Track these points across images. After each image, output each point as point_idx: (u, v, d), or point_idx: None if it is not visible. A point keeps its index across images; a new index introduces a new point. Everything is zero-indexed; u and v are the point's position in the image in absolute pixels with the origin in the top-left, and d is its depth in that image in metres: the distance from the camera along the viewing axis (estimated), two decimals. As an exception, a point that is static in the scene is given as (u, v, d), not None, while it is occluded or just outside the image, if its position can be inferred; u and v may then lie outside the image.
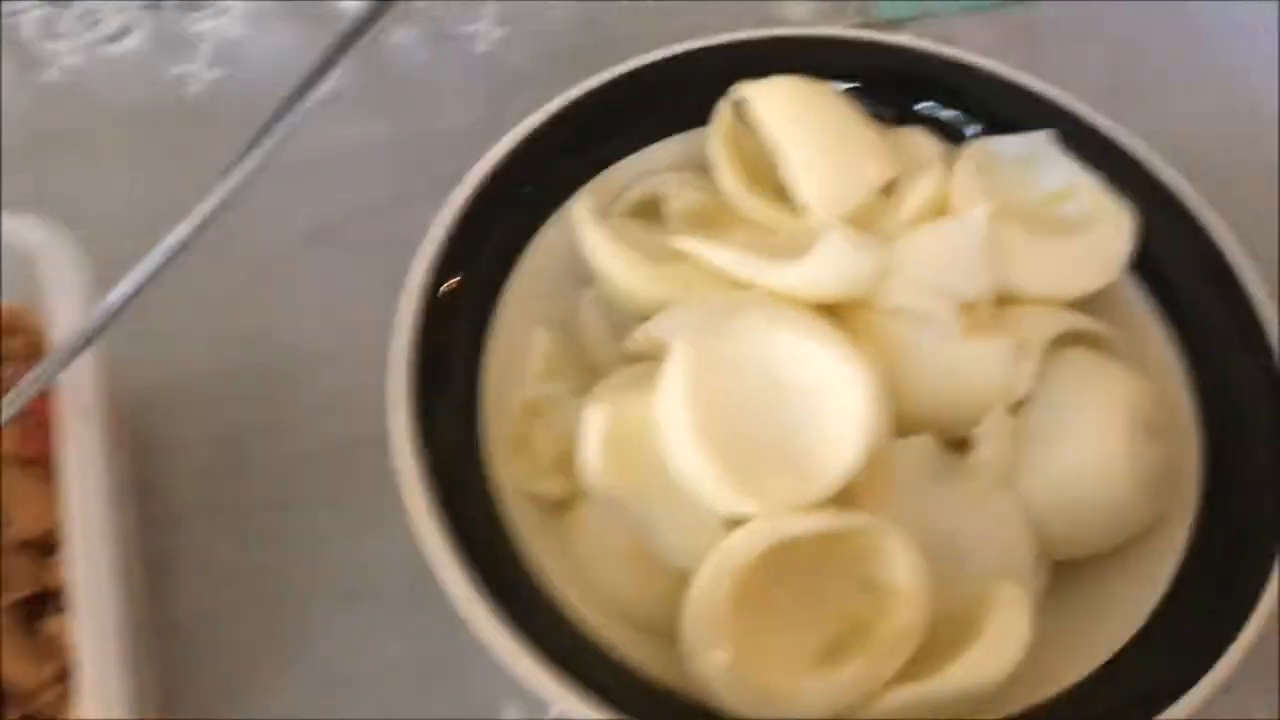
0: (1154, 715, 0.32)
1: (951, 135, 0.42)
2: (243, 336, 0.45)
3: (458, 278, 0.38)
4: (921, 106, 0.43)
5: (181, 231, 0.32)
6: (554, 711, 0.39)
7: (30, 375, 0.33)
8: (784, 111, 0.39)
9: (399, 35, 0.53)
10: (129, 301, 0.33)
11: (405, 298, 0.37)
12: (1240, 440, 0.37)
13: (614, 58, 0.43)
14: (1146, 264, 0.40)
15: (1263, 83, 0.54)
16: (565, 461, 0.37)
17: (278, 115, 0.34)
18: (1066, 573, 0.38)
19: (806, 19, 0.55)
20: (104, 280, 0.34)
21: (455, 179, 0.40)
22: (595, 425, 0.35)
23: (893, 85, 0.43)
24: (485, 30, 0.54)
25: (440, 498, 0.35)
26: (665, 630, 0.35)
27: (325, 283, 0.47)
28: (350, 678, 0.39)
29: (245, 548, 0.41)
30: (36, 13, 0.53)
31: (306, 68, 0.35)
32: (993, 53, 0.53)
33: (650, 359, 0.36)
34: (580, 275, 0.41)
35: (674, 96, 0.42)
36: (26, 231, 0.36)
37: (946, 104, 0.43)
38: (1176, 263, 0.40)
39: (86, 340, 0.33)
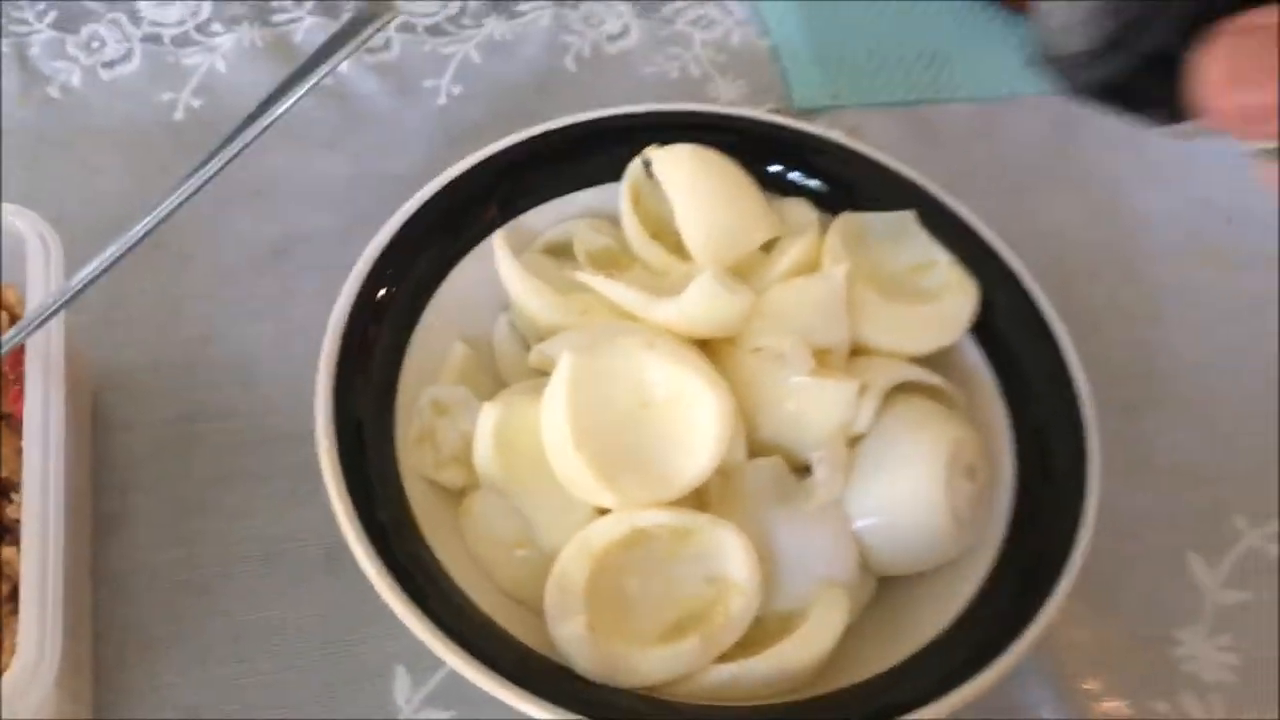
0: (935, 699, 0.38)
1: (831, 208, 0.48)
2: (202, 335, 0.51)
3: (386, 289, 0.44)
4: (806, 182, 0.49)
5: (139, 229, 0.38)
6: (438, 676, 0.44)
7: (5, 335, 0.39)
8: (682, 174, 0.46)
9: (369, 84, 0.59)
10: (91, 281, 0.39)
11: (339, 302, 0.43)
12: (1046, 488, 0.43)
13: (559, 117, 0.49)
14: (987, 330, 0.47)
15: (1131, 193, 0.61)
16: (464, 455, 0.43)
17: (228, 139, 0.40)
18: (892, 586, 0.44)
19: (733, 102, 0.61)
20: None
21: (406, 214, 0.46)
22: (488, 421, 0.41)
23: (781, 160, 0.49)
24: (446, 86, 0.60)
25: (352, 477, 0.40)
26: (536, 606, 0.40)
27: (280, 294, 0.52)
28: (262, 631, 0.44)
29: (184, 514, 0.47)
30: (46, 35, 0.59)
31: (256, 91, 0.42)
32: (895, 144, 0.60)
33: (545, 373, 0.42)
34: (499, 301, 0.47)
35: (592, 154, 0.48)
36: (12, 217, 0.42)
37: (826, 181, 0.49)
38: (1012, 332, 0.47)
39: (53, 309, 0.39)
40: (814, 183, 0.49)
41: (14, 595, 0.39)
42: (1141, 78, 0.23)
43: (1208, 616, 0.49)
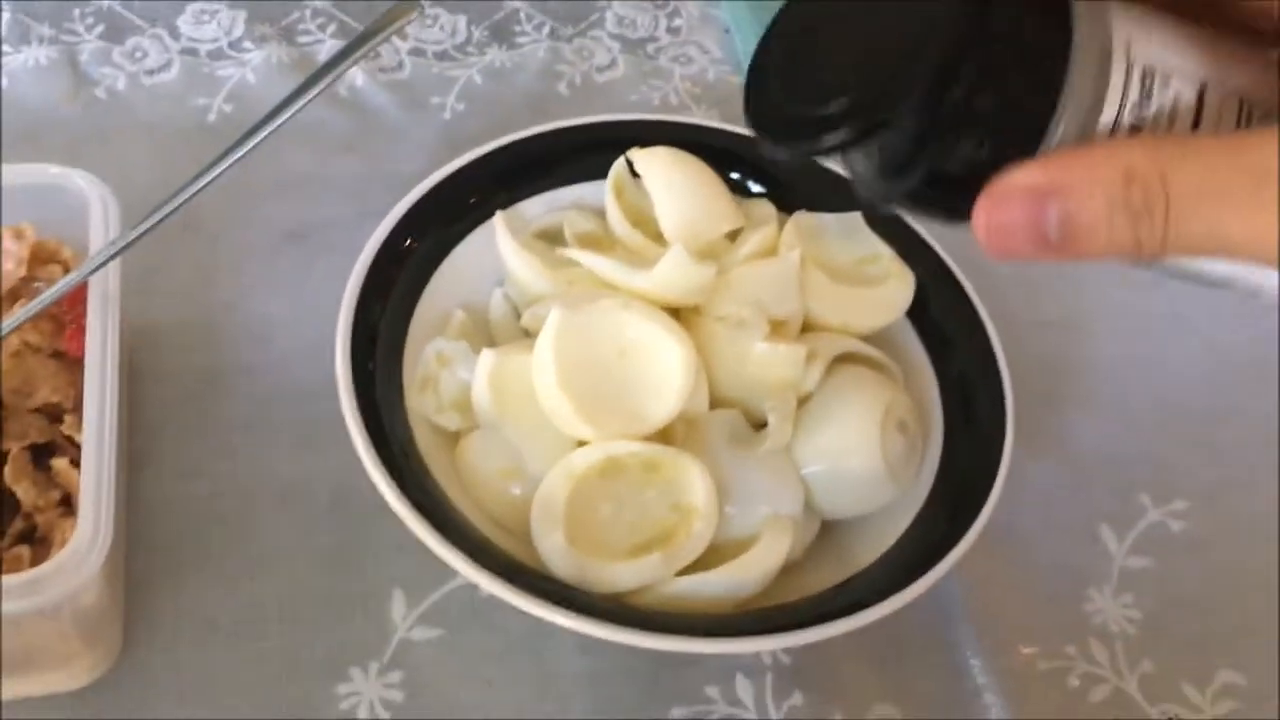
0: (865, 609, 0.44)
1: (788, 209, 0.55)
2: (227, 303, 0.57)
3: (409, 240, 0.50)
4: (768, 186, 0.56)
5: (193, 189, 0.44)
6: (430, 599, 0.50)
7: (71, 274, 0.45)
8: (661, 170, 0.53)
9: (382, 99, 0.66)
10: (147, 231, 0.45)
11: (357, 266, 0.49)
12: (968, 445, 0.50)
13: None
14: (922, 314, 0.53)
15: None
16: (462, 402, 0.49)
17: (255, 127, 0.46)
18: (834, 528, 0.50)
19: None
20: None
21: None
22: (485, 365, 0.47)
23: (746, 167, 0.56)
24: (450, 103, 0.67)
25: (368, 415, 0.46)
26: (520, 533, 0.46)
27: (296, 270, 0.59)
28: (278, 558, 0.50)
29: (208, 455, 0.52)
30: (94, 44, 0.66)
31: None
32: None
33: (535, 335, 0.48)
34: (495, 276, 0.54)
35: (584, 154, 0.55)
36: (80, 179, 0.48)
37: (786, 185, 0.56)
38: (943, 315, 0.53)
39: (115, 252, 0.45)
40: (774, 187, 0.56)
41: (64, 501, 0.45)
42: (925, 194, 0.30)
43: (1114, 579, 0.55)
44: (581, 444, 0.46)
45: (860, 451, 0.48)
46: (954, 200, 0.29)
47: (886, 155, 0.30)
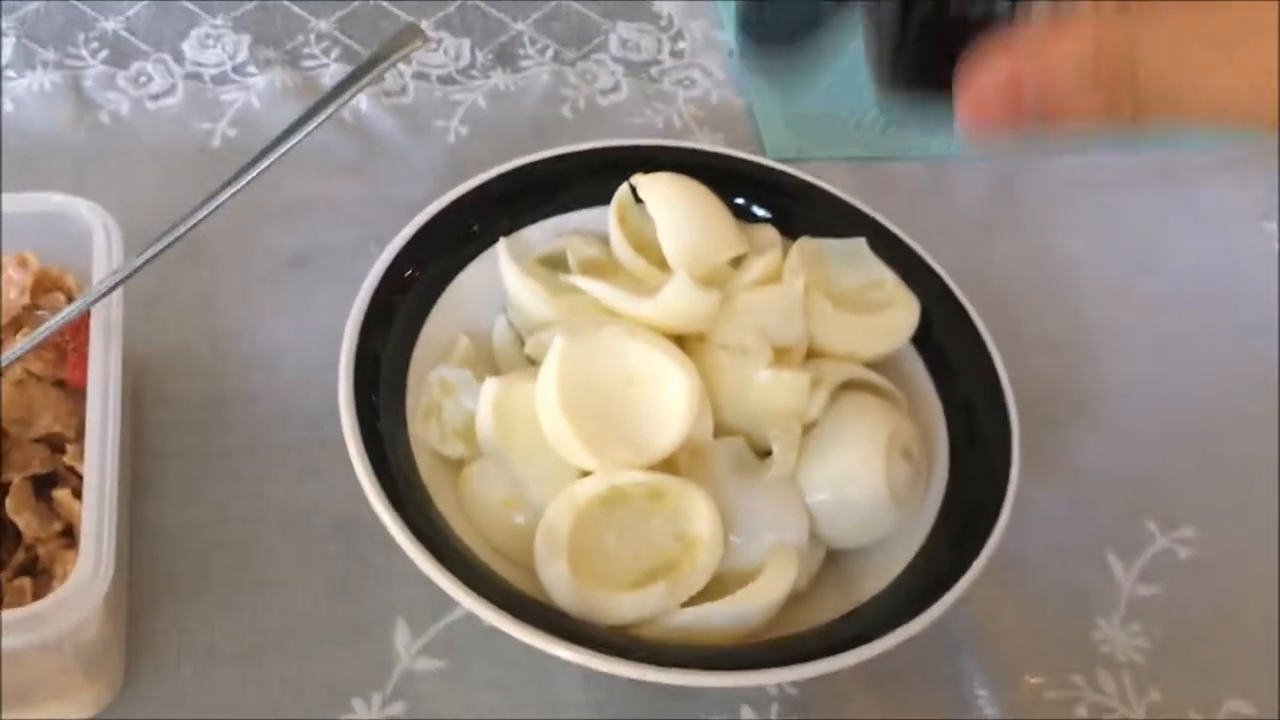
0: (864, 644, 0.43)
1: (792, 235, 0.55)
2: (231, 329, 0.57)
3: (410, 270, 0.50)
4: (771, 212, 0.56)
5: (198, 216, 0.44)
6: (434, 630, 0.49)
7: (74, 304, 0.45)
8: (664, 195, 0.53)
9: (386, 123, 0.66)
10: (151, 259, 0.45)
11: (360, 296, 0.49)
12: (975, 472, 0.50)
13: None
14: (926, 341, 0.53)
15: (1061, 242, 0.68)
16: (465, 430, 0.49)
17: (258, 156, 0.46)
18: (839, 559, 0.49)
19: (711, 150, 0.68)
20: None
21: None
22: (490, 392, 0.47)
23: (751, 192, 0.56)
24: (454, 127, 0.67)
25: (370, 444, 0.46)
26: (523, 562, 0.46)
27: (299, 296, 0.58)
28: (280, 586, 0.50)
29: (212, 481, 0.52)
30: (98, 69, 0.66)
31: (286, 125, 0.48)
32: (852, 193, 0.66)
33: (538, 362, 0.48)
34: (498, 303, 0.53)
35: (587, 180, 0.55)
36: (82, 207, 0.48)
37: (789, 212, 0.56)
38: (948, 342, 0.53)
39: (117, 281, 0.45)
40: (778, 213, 0.56)
41: (66, 532, 0.45)
42: (923, 69, 0.31)
43: (1122, 607, 0.54)
44: (585, 473, 0.46)
45: (865, 479, 0.48)
46: (950, 74, 0.30)
47: (885, 35, 0.31)
